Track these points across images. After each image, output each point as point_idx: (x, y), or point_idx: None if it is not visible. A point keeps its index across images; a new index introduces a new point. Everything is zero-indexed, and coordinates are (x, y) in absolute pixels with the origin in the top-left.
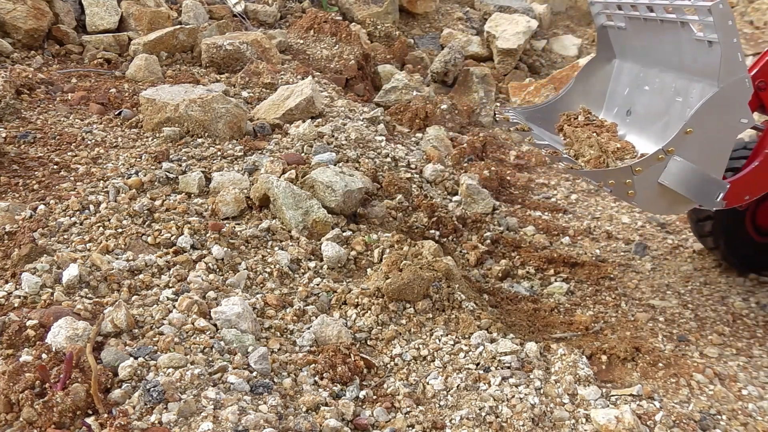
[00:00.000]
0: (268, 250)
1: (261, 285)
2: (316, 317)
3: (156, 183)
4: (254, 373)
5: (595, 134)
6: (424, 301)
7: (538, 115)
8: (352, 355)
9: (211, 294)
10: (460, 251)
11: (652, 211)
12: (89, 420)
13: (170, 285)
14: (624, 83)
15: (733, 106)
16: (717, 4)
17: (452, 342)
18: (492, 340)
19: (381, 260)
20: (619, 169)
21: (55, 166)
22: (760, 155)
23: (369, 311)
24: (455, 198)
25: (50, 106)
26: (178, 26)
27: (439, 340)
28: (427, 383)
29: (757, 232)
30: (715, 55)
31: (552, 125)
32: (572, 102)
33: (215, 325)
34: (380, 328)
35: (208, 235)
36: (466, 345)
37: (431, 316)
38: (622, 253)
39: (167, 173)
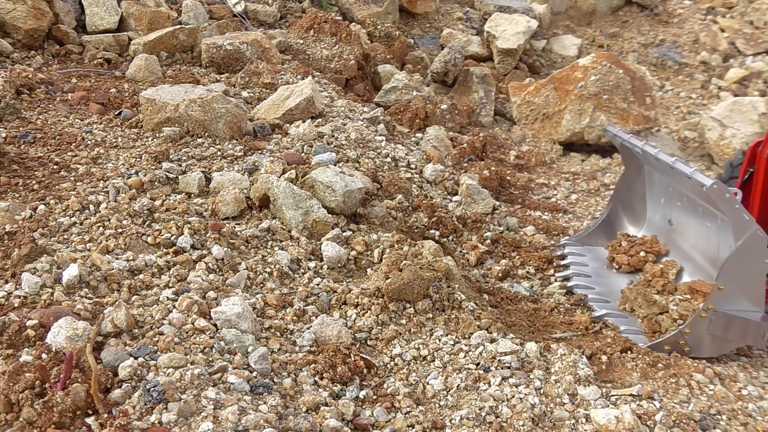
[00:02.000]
0: (268, 250)
1: (261, 285)
2: (316, 317)
3: (156, 183)
4: (254, 373)
5: (642, 287)
6: (424, 301)
7: (591, 237)
8: (352, 355)
9: (211, 294)
10: (460, 251)
11: (709, 356)
12: (89, 420)
13: (170, 285)
14: (658, 192)
15: (754, 255)
16: (712, 187)
17: (452, 342)
18: (492, 340)
19: (381, 260)
20: (672, 337)
21: (55, 166)
22: None
23: (369, 311)
24: (455, 198)
25: (50, 106)
26: (178, 26)
27: (439, 340)
28: (427, 383)
29: None
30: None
31: (606, 239)
32: (619, 217)
33: (215, 325)
34: (380, 328)
35: (208, 235)
36: (466, 345)
37: (431, 316)
38: None
39: (167, 173)
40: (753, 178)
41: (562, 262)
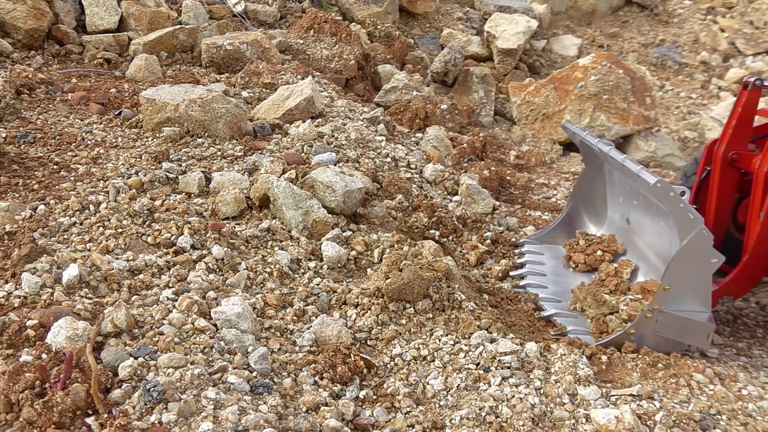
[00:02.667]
0: (268, 250)
1: (261, 285)
2: (316, 317)
3: (156, 183)
4: (254, 373)
5: (593, 286)
6: (424, 301)
7: (551, 235)
8: (352, 355)
9: (211, 294)
10: (460, 251)
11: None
12: (89, 420)
13: (170, 285)
14: (617, 191)
15: (700, 254)
16: (655, 185)
17: (452, 342)
18: (492, 340)
19: (381, 260)
20: (618, 336)
21: (55, 166)
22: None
23: (369, 311)
24: (455, 198)
25: (50, 106)
26: (178, 26)
27: (439, 340)
28: (427, 383)
29: (738, 230)
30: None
31: (566, 237)
32: (580, 215)
33: (215, 325)
34: (380, 328)
35: (208, 235)
36: (466, 345)
37: (431, 316)
38: None
39: (167, 173)
40: (709, 176)
41: (518, 261)
